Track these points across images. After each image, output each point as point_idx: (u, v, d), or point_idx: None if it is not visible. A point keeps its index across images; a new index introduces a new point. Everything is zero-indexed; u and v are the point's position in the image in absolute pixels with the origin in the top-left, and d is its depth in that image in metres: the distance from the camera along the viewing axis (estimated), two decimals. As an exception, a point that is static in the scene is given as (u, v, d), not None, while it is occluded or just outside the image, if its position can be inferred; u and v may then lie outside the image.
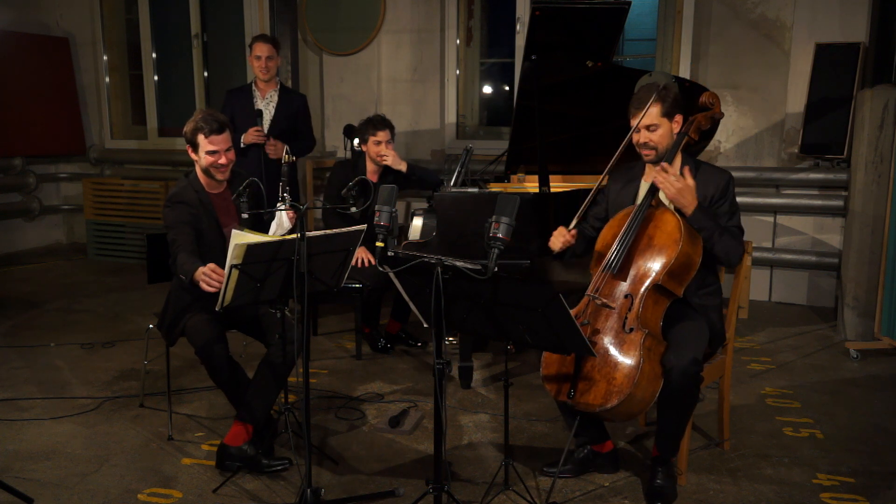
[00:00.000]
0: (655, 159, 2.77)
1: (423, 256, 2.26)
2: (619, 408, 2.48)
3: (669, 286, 2.62)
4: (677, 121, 2.75)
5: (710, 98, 2.95)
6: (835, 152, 4.87)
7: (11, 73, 6.78)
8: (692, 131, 2.80)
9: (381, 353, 4.32)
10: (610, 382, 2.50)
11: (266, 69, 4.64)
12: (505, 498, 2.68)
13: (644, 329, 2.54)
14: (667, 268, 2.58)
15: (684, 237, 2.58)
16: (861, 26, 4.92)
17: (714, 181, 2.73)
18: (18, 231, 7.27)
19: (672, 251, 2.58)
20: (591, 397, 2.52)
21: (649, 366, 2.50)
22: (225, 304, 2.65)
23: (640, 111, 2.72)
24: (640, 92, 2.76)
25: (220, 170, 3.00)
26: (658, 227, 2.65)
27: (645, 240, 2.66)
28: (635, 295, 2.61)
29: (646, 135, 2.73)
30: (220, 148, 2.96)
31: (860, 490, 2.75)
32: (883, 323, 4.21)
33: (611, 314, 2.63)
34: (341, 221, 4.04)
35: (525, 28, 5.67)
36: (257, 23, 6.45)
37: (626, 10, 3.83)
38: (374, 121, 4.22)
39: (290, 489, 2.76)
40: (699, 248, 2.63)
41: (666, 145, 2.75)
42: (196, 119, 2.97)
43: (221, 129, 2.96)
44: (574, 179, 4.40)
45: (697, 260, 2.63)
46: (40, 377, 3.91)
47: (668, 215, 2.65)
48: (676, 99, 2.74)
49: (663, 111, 2.71)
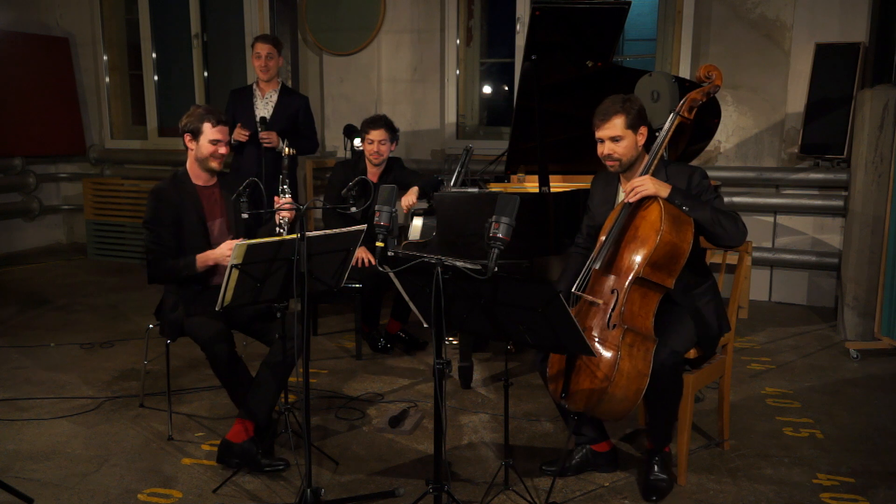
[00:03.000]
0: (619, 170, 2.78)
1: (423, 256, 2.26)
2: (601, 406, 2.48)
3: (656, 278, 2.58)
4: (642, 133, 2.74)
5: (708, 71, 2.86)
6: (835, 152, 4.87)
7: (11, 73, 6.78)
8: (685, 110, 2.78)
9: (381, 353, 4.32)
10: (592, 381, 2.50)
11: (266, 68, 4.66)
12: (505, 498, 2.68)
13: (625, 325, 2.52)
14: (648, 258, 2.54)
15: (665, 224, 2.53)
16: (861, 26, 4.92)
17: (683, 177, 2.72)
18: (18, 231, 7.27)
19: (653, 240, 2.54)
20: (579, 396, 2.54)
21: (629, 363, 2.47)
22: (225, 304, 2.66)
23: (604, 122, 2.72)
24: (606, 103, 2.75)
25: (219, 159, 3.13)
26: (644, 217, 2.62)
27: (631, 231, 2.64)
28: (620, 290, 2.59)
29: (609, 146, 2.73)
30: (223, 139, 3.11)
31: (860, 490, 2.75)
32: (883, 323, 4.21)
33: (598, 311, 2.62)
34: (341, 221, 4.03)
35: (525, 28, 5.67)
36: (257, 23, 6.45)
37: (626, 10, 3.83)
38: (368, 120, 4.23)
39: (290, 489, 2.76)
40: (686, 234, 2.57)
41: (630, 157, 2.73)
42: (200, 110, 3.12)
43: (226, 122, 3.14)
44: (574, 179, 4.40)
45: (685, 248, 2.57)
46: (40, 377, 3.91)
47: (653, 205, 2.61)
48: (641, 111, 2.73)
49: (627, 123, 2.70)
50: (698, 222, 2.60)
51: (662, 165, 2.77)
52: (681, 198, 2.61)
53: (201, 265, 3.01)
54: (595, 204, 2.97)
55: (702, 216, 2.59)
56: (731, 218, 2.61)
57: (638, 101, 2.76)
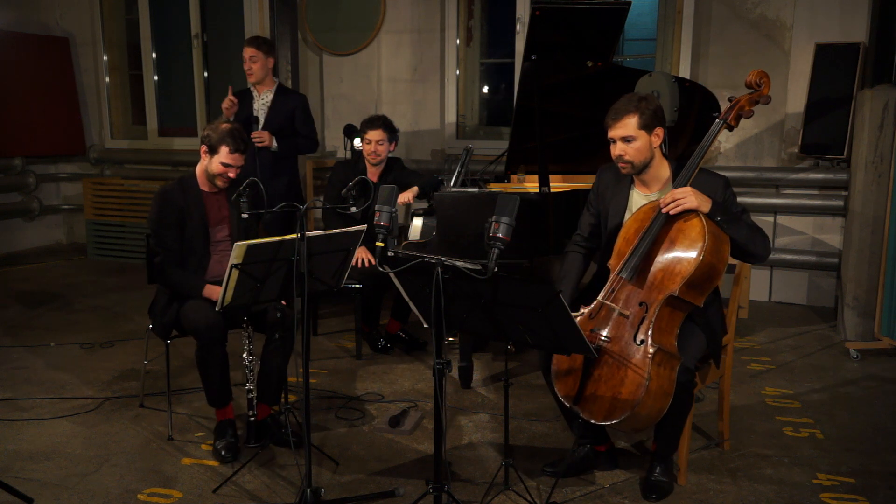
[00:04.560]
0: (632, 172, 2.67)
1: (423, 256, 2.26)
2: (622, 424, 2.43)
3: (688, 297, 2.48)
4: (657, 134, 2.61)
5: (759, 77, 2.64)
6: (835, 152, 4.87)
7: (11, 73, 6.78)
8: (732, 118, 2.62)
9: (381, 353, 4.32)
10: (615, 397, 2.43)
11: (249, 71, 4.64)
12: (505, 498, 2.68)
13: (656, 344, 2.43)
14: (687, 277, 2.42)
15: (709, 243, 2.42)
16: (861, 26, 4.92)
17: (709, 187, 2.59)
18: (18, 231, 7.26)
19: (694, 259, 2.42)
20: (596, 410, 2.47)
21: (657, 383, 2.40)
22: (225, 304, 2.66)
23: (616, 122, 2.60)
24: (620, 102, 2.63)
25: (226, 181, 3.15)
26: (682, 230, 2.48)
27: (667, 244, 2.50)
28: (650, 304, 2.48)
29: (621, 147, 2.61)
30: (235, 164, 3.11)
31: (860, 490, 2.75)
32: (883, 323, 4.21)
33: (623, 322, 2.52)
34: (341, 221, 4.03)
35: (525, 28, 5.67)
36: (257, 23, 6.45)
37: (626, 10, 3.83)
38: (366, 120, 4.24)
39: (290, 489, 2.76)
40: (724, 254, 2.47)
41: (642, 160, 2.61)
42: (226, 130, 3.09)
43: (244, 151, 3.13)
44: (574, 179, 4.40)
45: (722, 269, 2.47)
46: (40, 377, 3.90)
47: (694, 220, 2.47)
48: (658, 111, 2.61)
49: (640, 123, 2.57)
50: (733, 240, 2.50)
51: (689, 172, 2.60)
52: (721, 214, 2.48)
53: (206, 294, 3.06)
54: (603, 202, 2.85)
55: (738, 234, 2.49)
56: (762, 235, 2.53)
57: (655, 101, 2.65)
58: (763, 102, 2.68)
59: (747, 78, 2.68)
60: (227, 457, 2.94)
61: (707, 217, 2.47)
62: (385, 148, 4.26)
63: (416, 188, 4.17)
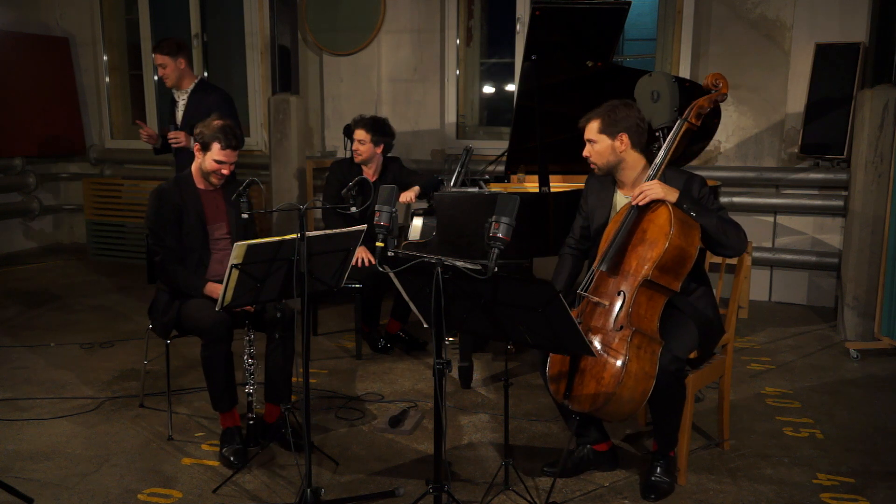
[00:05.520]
0: (599, 173, 2.85)
1: (423, 256, 2.26)
2: (607, 407, 2.49)
3: (663, 281, 2.59)
4: (621, 139, 2.75)
5: (716, 79, 2.88)
6: (835, 152, 4.87)
7: (11, 73, 6.78)
8: (692, 116, 2.80)
9: (381, 353, 4.32)
10: (598, 382, 2.51)
11: (163, 77, 4.44)
12: (505, 498, 2.68)
13: (633, 327, 2.53)
14: (657, 261, 2.55)
15: (675, 228, 2.55)
16: (861, 26, 4.92)
17: (679, 183, 2.70)
18: (18, 231, 7.27)
19: (662, 243, 2.55)
20: (583, 397, 2.54)
21: (637, 365, 2.49)
22: (225, 304, 2.66)
23: (584, 125, 2.81)
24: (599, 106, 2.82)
25: (220, 178, 3.14)
26: (651, 220, 2.64)
27: (639, 234, 2.65)
28: (627, 291, 2.60)
29: (588, 148, 2.82)
30: (228, 161, 3.10)
31: (860, 490, 2.75)
32: (883, 323, 4.21)
33: (603, 312, 2.63)
34: (341, 221, 4.04)
35: (525, 28, 5.67)
36: (257, 23, 6.46)
37: (626, 10, 3.83)
38: (354, 119, 4.28)
39: (290, 489, 2.76)
40: (694, 239, 2.59)
41: (606, 162, 2.79)
42: (217, 127, 3.06)
43: (237, 147, 3.10)
44: (574, 179, 4.40)
45: (693, 252, 2.59)
46: (40, 377, 3.91)
47: (662, 208, 2.62)
48: (626, 119, 2.74)
49: (601, 128, 2.76)
50: (704, 229, 2.61)
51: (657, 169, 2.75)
52: (689, 203, 2.62)
53: (207, 292, 3.06)
54: (589, 206, 2.99)
55: (708, 223, 2.61)
56: (735, 228, 2.64)
57: (625, 108, 2.77)
58: (720, 101, 2.94)
59: (704, 81, 2.91)
60: (235, 463, 2.90)
61: (674, 206, 2.60)
62: (368, 148, 4.26)
63: (418, 188, 4.17)
